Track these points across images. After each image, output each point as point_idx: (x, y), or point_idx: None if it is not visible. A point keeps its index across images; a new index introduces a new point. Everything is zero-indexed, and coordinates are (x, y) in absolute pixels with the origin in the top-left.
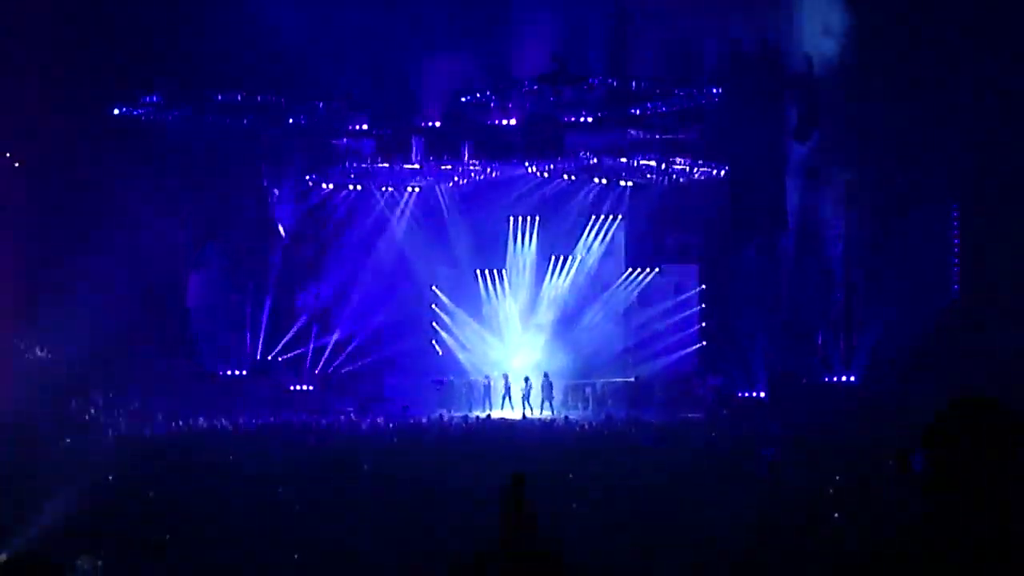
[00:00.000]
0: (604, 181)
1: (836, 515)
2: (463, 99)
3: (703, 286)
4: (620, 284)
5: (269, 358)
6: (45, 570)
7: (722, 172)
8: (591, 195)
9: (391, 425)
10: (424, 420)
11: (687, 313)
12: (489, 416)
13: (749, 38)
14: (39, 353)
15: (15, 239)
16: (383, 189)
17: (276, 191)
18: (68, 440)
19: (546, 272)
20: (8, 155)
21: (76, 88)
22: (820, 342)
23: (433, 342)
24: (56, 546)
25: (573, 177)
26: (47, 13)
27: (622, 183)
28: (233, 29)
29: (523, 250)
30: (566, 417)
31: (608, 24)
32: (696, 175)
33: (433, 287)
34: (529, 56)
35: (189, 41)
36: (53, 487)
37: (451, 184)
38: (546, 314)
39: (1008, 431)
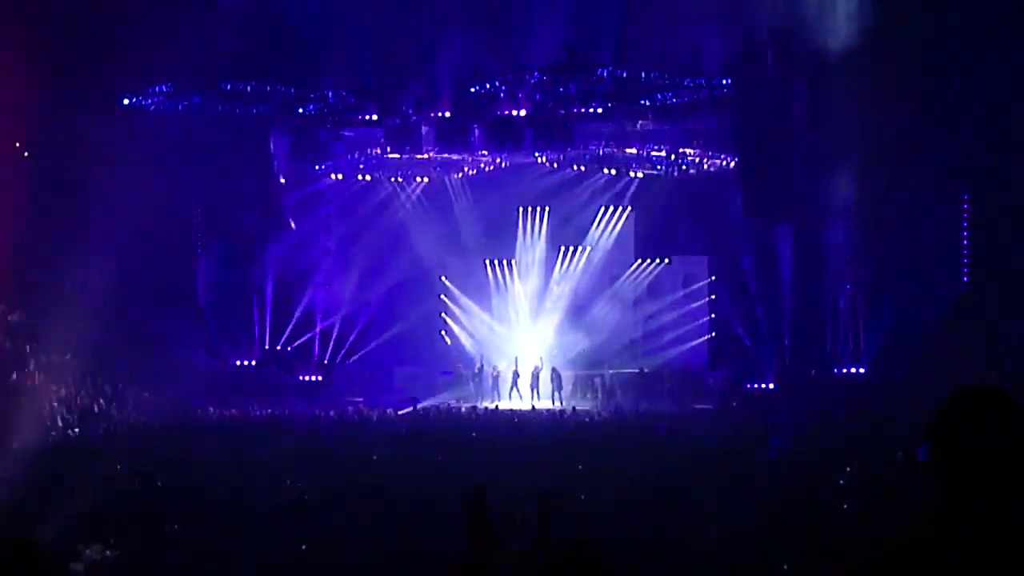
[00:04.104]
0: (614, 172)
1: (845, 506)
2: (473, 89)
3: (713, 277)
4: (629, 275)
5: (278, 348)
6: (41, 560)
7: (732, 162)
8: (601, 185)
9: (399, 415)
10: (433, 410)
11: (696, 304)
12: (497, 407)
13: (760, 27)
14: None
15: (23, 228)
16: (392, 179)
17: (285, 180)
18: (77, 430)
19: (555, 262)
20: (17, 144)
21: (85, 79)
22: (829, 333)
23: (442, 332)
24: (65, 535)
25: (583, 167)
26: (55, 4)
27: (632, 174)
28: (242, 18)
29: (532, 240)
30: (574, 408)
31: (618, 13)
32: (706, 166)
33: (442, 277)
34: (539, 46)
35: (198, 31)
36: (62, 476)
37: (461, 174)
38: (555, 304)
39: (1014, 420)
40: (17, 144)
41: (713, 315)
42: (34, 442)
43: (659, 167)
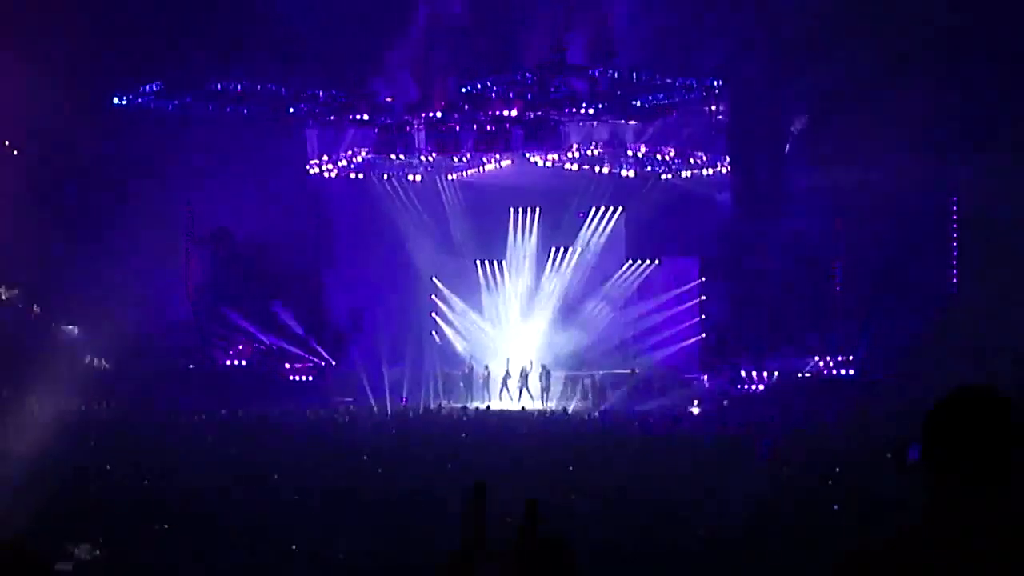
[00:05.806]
0: (605, 171)
1: (835, 507)
2: (464, 89)
3: (703, 278)
4: (620, 276)
5: (269, 347)
6: (27, 559)
7: (723, 163)
8: (592, 186)
9: (389, 415)
10: (423, 411)
11: (687, 305)
12: (488, 407)
13: (751, 28)
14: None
15: (14, 229)
16: (384, 178)
17: (276, 180)
18: (65, 427)
19: (546, 263)
20: (7, 143)
21: (75, 76)
22: (819, 334)
23: (432, 332)
24: (52, 534)
25: (574, 168)
26: (45, 2)
27: (623, 174)
28: (234, 17)
29: (523, 241)
30: (564, 408)
31: (609, 14)
32: (697, 167)
33: (433, 277)
34: (530, 46)
35: (190, 29)
36: (49, 476)
37: (452, 174)
38: (546, 305)
39: (1007, 420)
40: (7, 142)
41: (704, 316)
42: (21, 444)
43: (650, 167)
